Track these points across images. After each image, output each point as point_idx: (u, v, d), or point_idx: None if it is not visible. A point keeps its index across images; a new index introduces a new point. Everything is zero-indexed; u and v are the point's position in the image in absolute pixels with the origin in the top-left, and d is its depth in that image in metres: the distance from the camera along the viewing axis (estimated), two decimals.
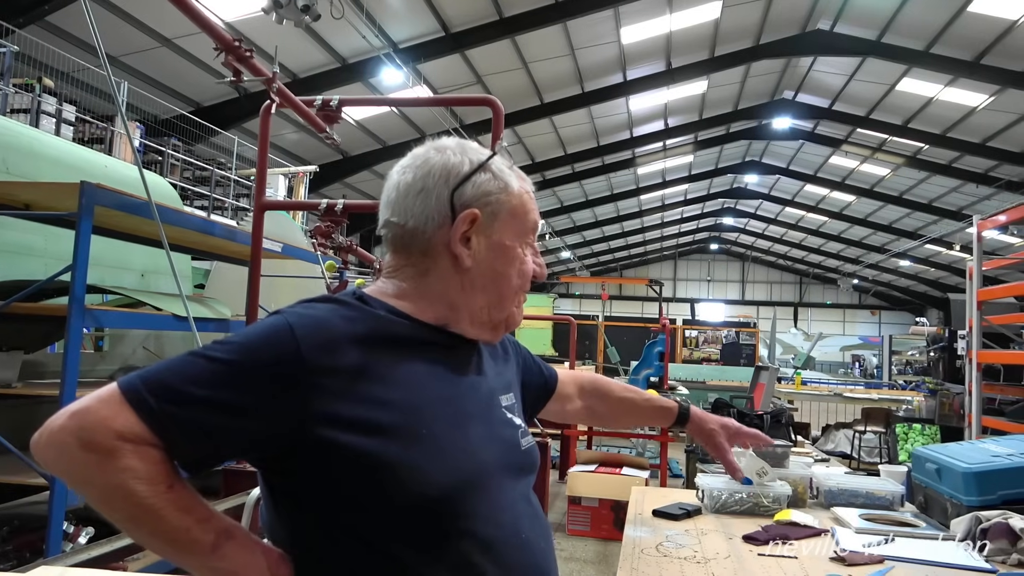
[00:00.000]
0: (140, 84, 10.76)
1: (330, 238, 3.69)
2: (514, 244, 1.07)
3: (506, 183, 1.07)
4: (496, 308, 1.08)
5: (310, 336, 0.92)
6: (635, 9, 12.24)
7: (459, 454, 0.97)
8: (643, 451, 7.75)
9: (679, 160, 22.30)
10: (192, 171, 11.86)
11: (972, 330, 4.86)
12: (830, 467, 3.13)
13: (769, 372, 4.44)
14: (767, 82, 17.34)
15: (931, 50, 13.11)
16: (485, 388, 1.10)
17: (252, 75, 2.99)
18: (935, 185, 19.97)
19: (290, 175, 12.16)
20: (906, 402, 8.37)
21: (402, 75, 11.54)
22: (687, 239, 35.95)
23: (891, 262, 29.08)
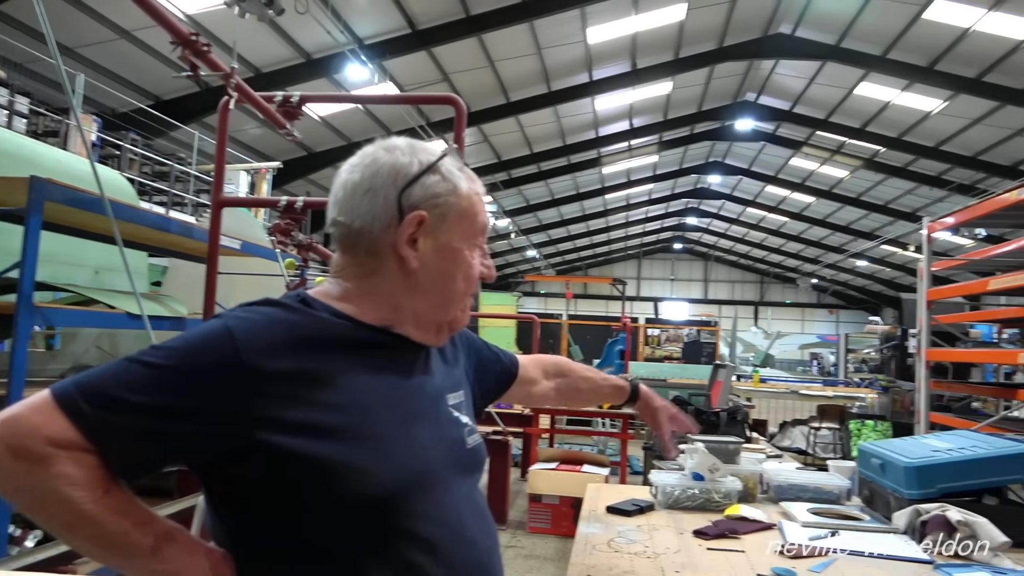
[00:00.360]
0: (97, 77, 10.51)
1: (290, 236, 3.66)
2: (462, 247, 1.07)
3: (455, 185, 1.06)
4: (441, 311, 1.08)
5: (250, 339, 0.92)
6: (601, 9, 12.32)
7: (404, 454, 0.98)
8: (604, 449, 7.83)
9: (644, 160, 22.52)
10: (151, 166, 11.62)
11: (922, 329, 5.01)
12: (783, 463, 3.20)
13: (726, 370, 4.52)
14: (730, 84, 17.60)
15: (888, 55, 13.45)
16: (431, 387, 1.10)
17: (210, 70, 2.95)
18: (891, 187, 20.48)
19: (252, 171, 11.99)
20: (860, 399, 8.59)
21: (367, 72, 11.45)
22: (651, 238, 36.31)
23: (848, 262, 29.74)
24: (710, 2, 13.01)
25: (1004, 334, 6.86)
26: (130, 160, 10.75)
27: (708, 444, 2.36)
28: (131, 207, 3.39)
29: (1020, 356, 3.91)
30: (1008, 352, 4.49)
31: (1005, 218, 4.69)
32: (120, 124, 11.02)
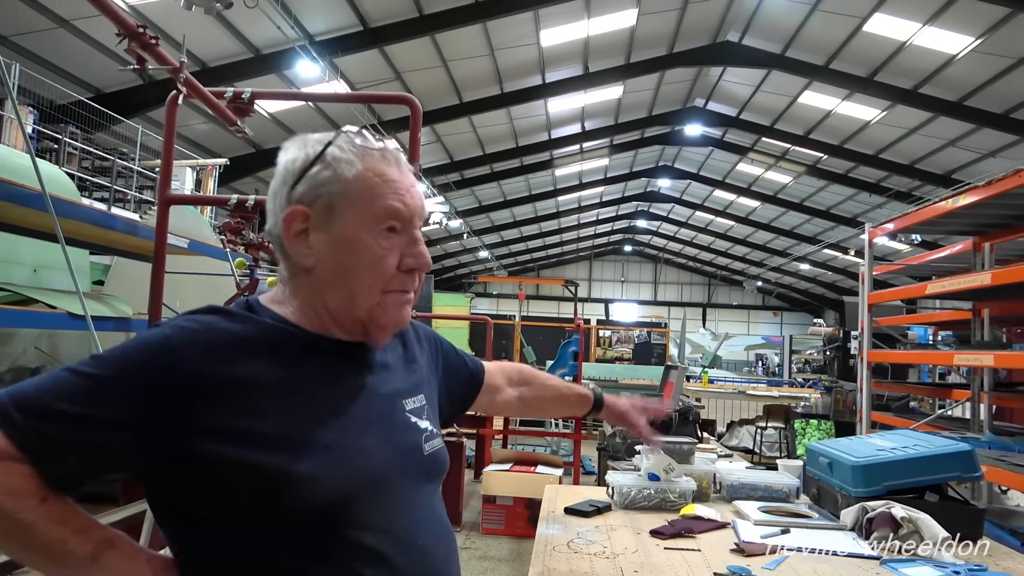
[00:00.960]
0: (33, 67, 10.10)
1: (240, 235, 3.58)
2: (358, 235, 0.99)
3: (339, 172, 0.99)
4: (350, 305, 1.01)
5: (188, 346, 0.91)
6: (554, 12, 12.40)
7: (347, 463, 0.95)
8: (557, 449, 7.87)
9: (595, 163, 22.74)
10: (91, 161, 11.22)
11: (863, 331, 5.18)
12: (733, 462, 3.27)
13: (678, 371, 4.59)
14: (680, 90, 17.91)
15: (830, 65, 13.88)
16: (383, 391, 1.06)
17: (157, 63, 2.87)
18: (833, 193, 21.13)
19: (198, 168, 11.70)
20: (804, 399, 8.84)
21: (318, 68, 11.29)
22: (602, 240, 36.70)
23: (792, 265, 30.56)
24: (661, 8, 13.22)
25: (939, 336, 7.14)
26: (69, 154, 10.37)
27: (663, 445, 2.39)
28: (73, 203, 3.28)
29: (956, 357, 4.08)
30: (945, 354, 4.67)
31: (940, 225, 4.88)
32: (58, 117, 10.60)
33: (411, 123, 3.46)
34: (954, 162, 16.37)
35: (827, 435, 7.12)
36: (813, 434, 7.16)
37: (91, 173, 11.08)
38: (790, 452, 7.09)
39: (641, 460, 2.41)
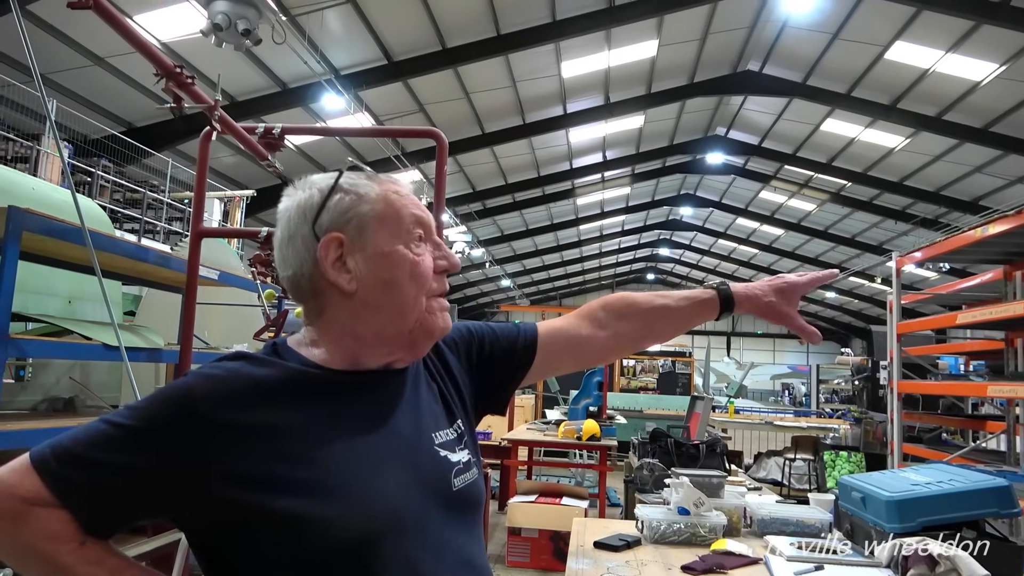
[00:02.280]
0: (69, 103, 10.42)
1: (269, 266, 3.64)
2: (394, 248, 1.03)
3: (360, 193, 1.04)
4: (399, 318, 1.03)
5: (210, 394, 0.94)
6: (575, 44, 12.56)
7: (370, 505, 0.94)
8: (582, 481, 7.80)
9: (617, 192, 22.80)
10: (123, 193, 11.49)
11: (893, 361, 5.10)
12: (762, 495, 3.22)
13: (704, 402, 4.55)
14: (701, 119, 17.97)
15: (852, 93, 13.87)
16: (411, 427, 1.06)
17: (193, 102, 2.95)
18: (857, 220, 20.96)
19: (226, 199, 11.91)
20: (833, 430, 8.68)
21: (343, 101, 11.51)
22: (624, 269, 36.62)
23: (817, 293, 30.24)
24: (681, 40, 13.33)
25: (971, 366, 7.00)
26: (101, 187, 10.63)
27: (692, 478, 2.37)
28: (109, 237, 3.35)
29: (990, 389, 4.00)
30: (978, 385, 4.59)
31: (970, 253, 4.82)
32: (92, 151, 10.91)
33: (437, 156, 3.51)
34: (981, 189, 16.20)
35: (857, 467, 6.98)
36: (843, 466, 7.03)
37: (122, 205, 11.34)
38: (819, 485, 6.95)
39: (670, 494, 2.38)
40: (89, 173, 10.34)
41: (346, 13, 10.52)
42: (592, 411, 6.54)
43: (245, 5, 7.80)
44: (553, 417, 7.27)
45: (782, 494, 6.40)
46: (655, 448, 4.03)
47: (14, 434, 2.57)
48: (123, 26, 2.67)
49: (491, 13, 11.30)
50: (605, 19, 11.78)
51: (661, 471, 3.28)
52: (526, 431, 6.87)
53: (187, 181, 12.90)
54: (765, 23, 12.95)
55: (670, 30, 12.77)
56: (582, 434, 5.88)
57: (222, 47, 7.96)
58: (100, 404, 3.75)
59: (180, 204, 12.45)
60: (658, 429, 4.29)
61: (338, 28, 10.87)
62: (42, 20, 8.99)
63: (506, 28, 11.74)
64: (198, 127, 3.49)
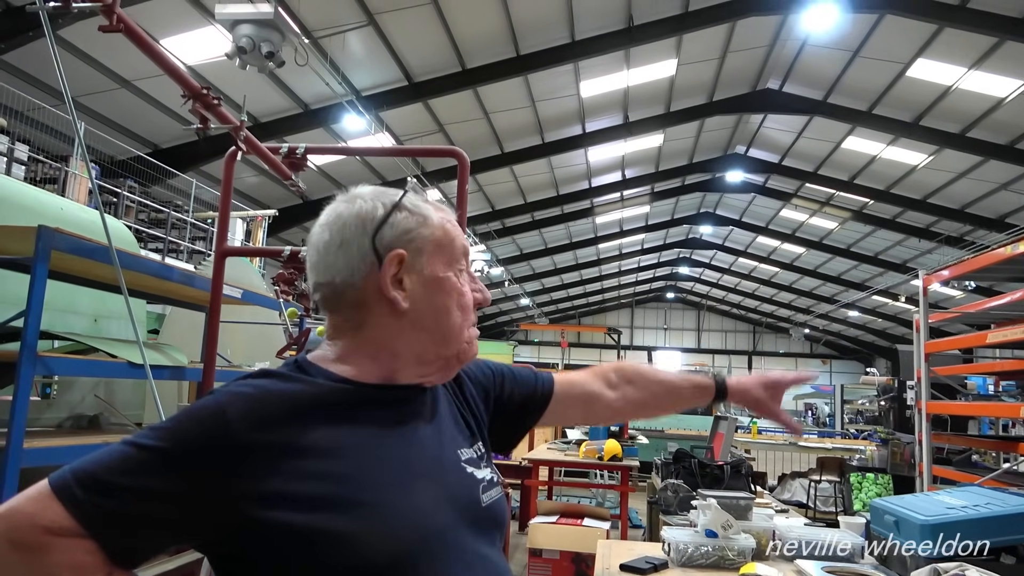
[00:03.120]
0: (97, 125, 10.63)
1: (292, 285, 3.66)
2: (448, 274, 1.05)
3: (425, 216, 1.05)
4: (443, 345, 1.05)
5: (240, 414, 0.91)
6: (594, 64, 12.62)
7: (403, 520, 0.93)
8: (603, 501, 7.71)
9: (636, 210, 22.77)
10: (147, 213, 11.66)
11: (921, 381, 5.01)
12: (790, 518, 3.16)
13: (728, 422, 4.49)
14: (720, 137, 17.94)
15: (874, 111, 13.78)
16: (437, 443, 1.06)
17: (220, 123, 2.99)
18: (880, 238, 20.74)
19: (248, 219, 12.04)
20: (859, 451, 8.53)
21: (364, 122, 11.63)
22: (644, 287, 36.48)
23: (840, 312, 29.89)
24: (700, 59, 13.35)
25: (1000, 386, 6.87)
26: (127, 207, 10.79)
27: (720, 500, 2.33)
28: (135, 256, 3.39)
29: (1022, 410, 3.91)
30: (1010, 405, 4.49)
31: (998, 271, 4.74)
32: (118, 171, 11.09)
33: (459, 175, 3.51)
34: (1007, 206, 15.98)
35: (885, 489, 6.84)
36: (870, 488, 6.89)
37: (147, 225, 11.50)
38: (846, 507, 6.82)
39: (697, 515, 2.34)
40: (115, 193, 10.51)
41: (367, 35, 10.66)
42: (613, 431, 6.48)
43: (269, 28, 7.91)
44: (573, 437, 7.22)
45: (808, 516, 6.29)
46: (678, 469, 3.97)
47: (41, 451, 2.59)
48: (152, 48, 2.72)
49: (510, 34, 11.40)
50: (624, 39, 11.83)
51: (686, 492, 3.23)
52: (547, 451, 6.82)
53: (210, 201, 13.07)
54: (785, 42, 12.94)
55: (689, 49, 12.80)
56: (604, 454, 5.83)
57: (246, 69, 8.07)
58: (124, 422, 3.77)
59: (203, 224, 12.60)
60: (681, 449, 4.24)
61: (359, 50, 11.02)
62: (70, 44, 9.19)
63: (525, 49, 11.83)
64: (222, 148, 3.53)
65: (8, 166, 8.37)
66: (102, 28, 2.34)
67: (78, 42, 9.24)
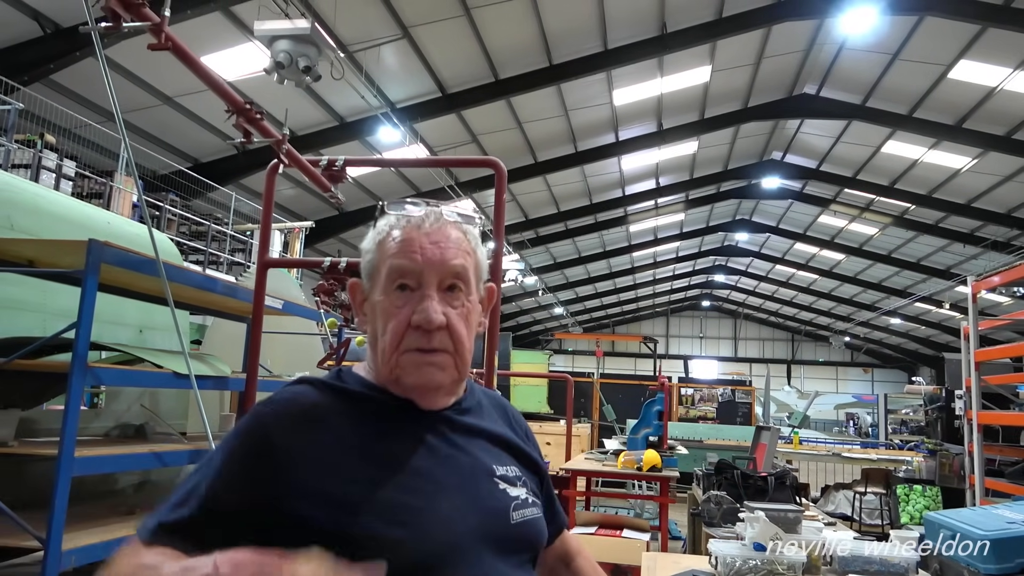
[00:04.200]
0: (140, 140, 10.90)
1: (332, 295, 3.69)
2: (380, 297, 1.05)
3: (372, 243, 1.09)
4: (383, 369, 1.05)
5: (277, 420, 0.99)
6: (627, 72, 12.58)
7: (419, 528, 0.94)
8: (642, 512, 7.62)
9: (670, 218, 22.60)
10: (188, 226, 11.90)
11: (971, 391, 4.86)
12: (838, 531, 3.08)
13: (771, 432, 4.40)
14: (756, 143, 17.73)
15: (914, 114, 13.50)
16: (471, 456, 1.06)
17: (262, 136, 3.04)
18: (923, 244, 20.27)
19: (286, 231, 12.22)
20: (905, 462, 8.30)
21: (399, 134, 11.74)
22: (679, 296, 36.13)
23: (882, 320, 29.25)
24: (734, 65, 13.23)
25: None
26: (169, 220, 11.03)
27: (768, 512, 2.28)
28: (179, 268, 3.46)
29: None
30: None
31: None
32: (160, 186, 11.35)
33: (496, 184, 3.52)
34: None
35: (933, 502, 6.64)
36: (918, 501, 6.70)
37: (187, 237, 11.73)
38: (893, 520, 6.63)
39: (745, 528, 2.29)
40: (158, 207, 10.75)
41: (401, 48, 10.77)
42: (652, 441, 6.41)
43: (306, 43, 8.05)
44: (611, 447, 7.14)
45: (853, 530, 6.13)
46: (721, 480, 3.90)
47: (91, 460, 2.64)
48: (197, 65, 2.77)
49: (543, 44, 11.42)
50: (657, 47, 11.78)
51: (730, 504, 3.17)
52: (584, 461, 6.76)
53: (249, 214, 13.30)
54: (821, 46, 12.76)
55: (723, 55, 12.69)
56: (643, 464, 5.75)
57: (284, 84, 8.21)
58: (169, 431, 3.83)
59: (242, 236, 12.82)
60: (723, 460, 4.17)
61: (394, 63, 11.13)
62: (115, 62, 9.44)
63: (558, 58, 11.84)
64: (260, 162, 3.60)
65: (57, 182, 8.61)
66: (151, 46, 2.39)
67: (122, 60, 9.49)
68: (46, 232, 3.68)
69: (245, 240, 12.86)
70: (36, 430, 3.41)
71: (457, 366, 1.05)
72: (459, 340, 1.04)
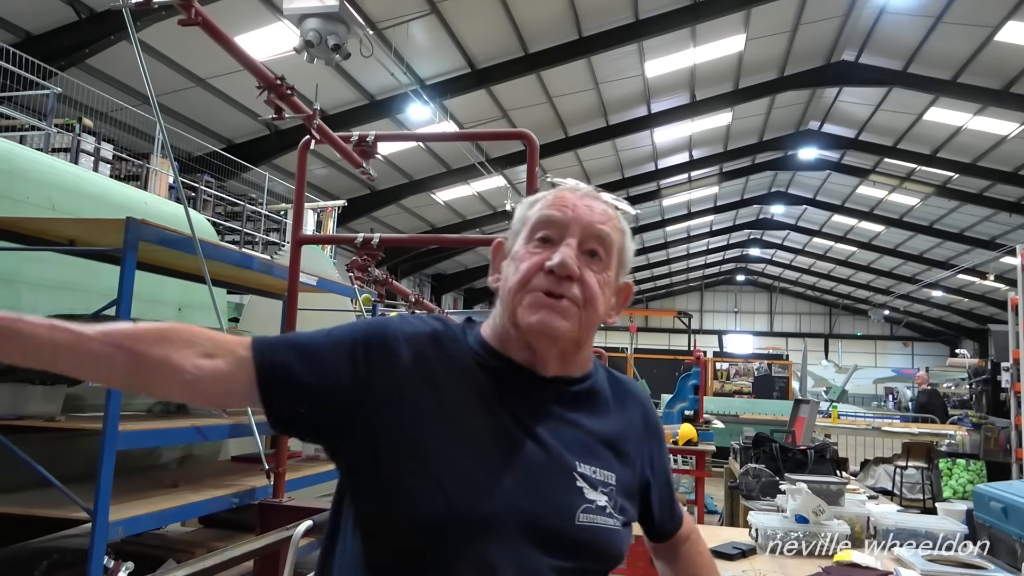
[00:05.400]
0: (174, 123, 11.03)
1: (366, 272, 3.71)
2: (519, 249, 1.04)
3: (524, 206, 1.09)
4: (507, 313, 1.02)
5: (402, 331, 1.02)
6: (659, 43, 12.35)
7: (460, 493, 0.91)
8: (677, 486, 7.60)
9: (704, 191, 22.28)
10: (224, 206, 12.05)
11: (1019, 363, 4.72)
12: (880, 504, 3.03)
13: (810, 406, 4.34)
14: (792, 113, 17.33)
15: (958, 79, 13.04)
16: (556, 441, 0.99)
17: (293, 112, 3.03)
18: (966, 214, 19.70)
19: (319, 209, 12.30)
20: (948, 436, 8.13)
21: (429, 111, 11.71)
22: (713, 270, 35.72)
23: (923, 292, 28.59)
24: (770, 32, 12.89)
25: None
26: (204, 201, 11.17)
27: (810, 484, 2.24)
28: (216, 246, 3.49)
29: None
30: None
31: None
32: (195, 167, 11.50)
33: (528, 158, 3.48)
34: None
35: (978, 476, 6.49)
36: (961, 475, 6.56)
37: (223, 218, 11.89)
38: (935, 494, 6.51)
39: (785, 501, 2.25)
40: (193, 188, 10.89)
41: (430, 24, 10.69)
42: (688, 415, 6.37)
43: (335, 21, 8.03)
44: None
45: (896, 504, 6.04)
46: (759, 453, 3.86)
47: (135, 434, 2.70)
48: (228, 41, 2.77)
49: (573, 16, 11.25)
50: (689, 16, 11.53)
51: (768, 477, 3.13)
52: None
53: (282, 193, 13.41)
54: (861, 10, 12.36)
55: (758, 23, 12.37)
56: (678, 438, 5.73)
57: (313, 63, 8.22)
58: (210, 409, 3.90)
59: (276, 215, 12.96)
60: (761, 434, 4.12)
61: (423, 39, 11.07)
62: (148, 45, 9.53)
63: (588, 30, 11.66)
64: (292, 142, 3.60)
65: (95, 164, 8.75)
66: (182, 22, 2.40)
67: (155, 43, 9.57)
68: (86, 213, 3.74)
69: (279, 220, 13.00)
70: (82, 406, 3.49)
71: (582, 322, 0.99)
72: (590, 296, 1.00)
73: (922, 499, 6.73)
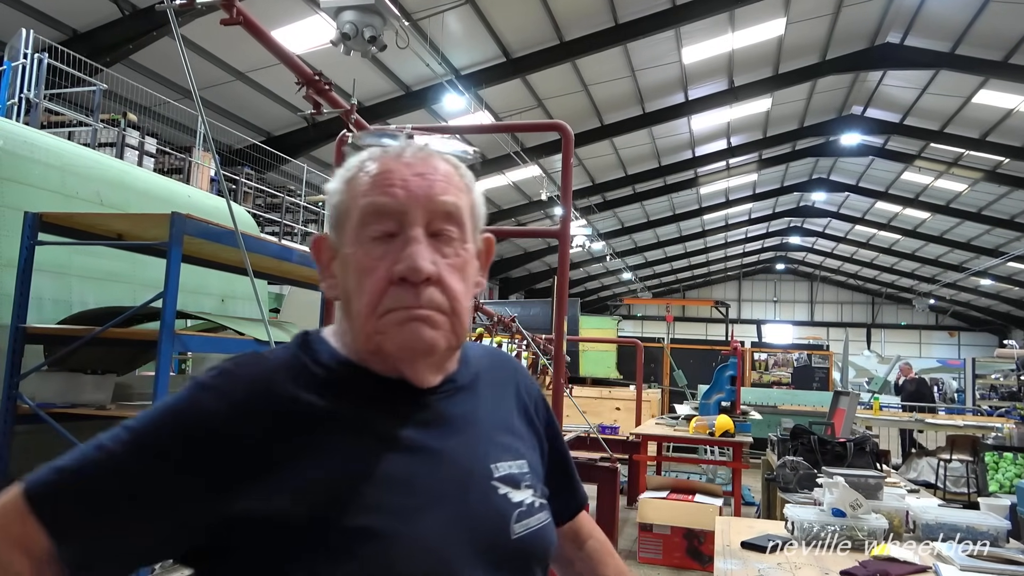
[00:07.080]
0: (215, 116, 11.25)
1: None
2: (351, 249, 0.83)
3: (338, 186, 0.86)
4: (359, 338, 0.83)
5: (219, 405, 0.78)
6: (696, 29, 12.17)
7: (398, 555, 0.76)
8: (714, 477, 7.56)
9: (743, 179, 21.94)
10: (263, 198, 12.26)
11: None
12: (921, 498, 2.98)
13: (850, 398, 4.28)
14: (834, 98, 16.95)
15: (1010, 60, 12.61)
16: (466, 452, 0.86)
17: (331, 107, 3.08)
18: (1017, 200, 19.08)
19: None
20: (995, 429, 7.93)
21: (464, 101, 11.73)
22: (752, 259, 35.21)
23: (970, 281, 27.81)
24: (811, 15, 12.61)
25: None
26: (244, 193, 11.38)
27: (848, 478, 2.22)
28: (257, 238, 3.57)
29: None
30: None
31: None
32: (235, 160, 11.72)
33: (563, 149, 3.49)
34: None
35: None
36: (1008, 469, 6.40)
37: (263, 209, 12.10)
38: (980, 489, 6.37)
39: (823, 494, 2.24)
40: (234, 181, 11.10)
41: (465, 14, 10.70)
42: (725, 406, 6.32)
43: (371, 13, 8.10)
44: (682, 412, 7.09)
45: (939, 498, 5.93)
46: (796, 446, 3.82)
47: None
48: (268, 39, 2.82)
49: (608, 2, 11.15)
50: (728, 1, 11.33)
51: (807, 470, 3.10)
52: (655, 426, 6.74)
53: (320, 185, 13.58)
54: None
55: (799, 6, 12.10)
56: (715, 430, 5.70)
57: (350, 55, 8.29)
58: None
59: (315, 207, 13.14)
60: (799, 426, 4.08)
61: (458, 29, 11.08)
62: (189, 40, 9.72)
63: (624, 17, 11.55)
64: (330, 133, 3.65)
65: (140, 158, 8.98)
66: (223, 21, 2.45)
67: (196, 38, 9.76)
68: (132, 207, 3.86)
69: (317, 212, 13.18)
70: (130, 394, 3.61)
71: (454, 328, 0.83)
72: (455, 297, 0.82)
73: (967, 493, 6.59)
